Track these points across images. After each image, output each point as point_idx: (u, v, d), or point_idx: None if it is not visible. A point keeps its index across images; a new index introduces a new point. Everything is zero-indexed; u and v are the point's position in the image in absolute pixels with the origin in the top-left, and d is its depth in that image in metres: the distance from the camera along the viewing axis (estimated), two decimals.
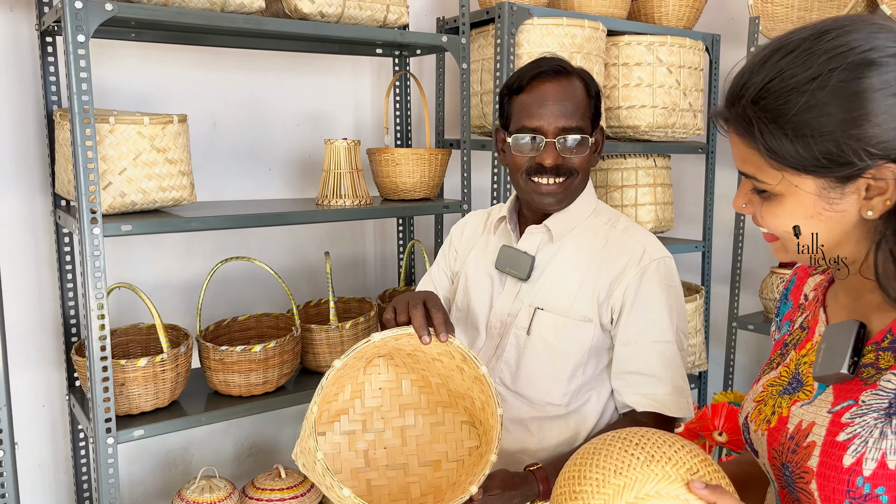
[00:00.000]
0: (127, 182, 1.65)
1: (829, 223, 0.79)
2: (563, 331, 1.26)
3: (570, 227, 1.31)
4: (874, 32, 0.74)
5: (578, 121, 1.26)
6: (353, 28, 1.90)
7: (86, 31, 1.51)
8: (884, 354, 0.80)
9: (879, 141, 0.73)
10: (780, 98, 0.75)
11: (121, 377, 1.67)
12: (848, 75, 0.73)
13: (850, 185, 0.76)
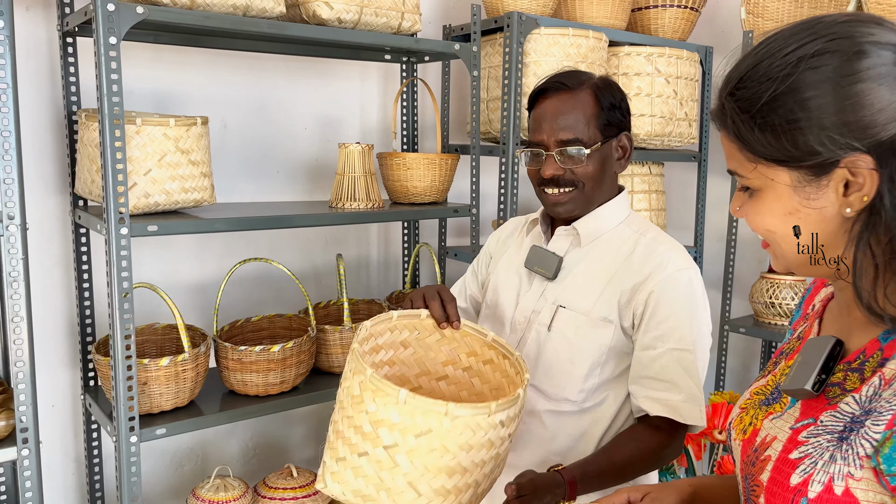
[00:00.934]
0: (151, 183, 1.67)
1: (808, 221, 0.76)
2: (583, 329, 1.31)
3: (599, 231, 1.36)
4: (862, 23, 0.73)
5: (579, 133, 1.31)
6: (370, 34, 1.93)
7: (117, 34, 1.53)
8: (851, 375, 0.77)
9: (849, 129, 0.71)
10: (750, 88, 0.75)
11: (143, 376, 1.68)
12: (818, 61, 0.71)
13: (825, 178, 0.73)
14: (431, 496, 1.03)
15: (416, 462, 1.02)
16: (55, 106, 1.88)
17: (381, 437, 1.03)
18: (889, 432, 0.69)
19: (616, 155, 1.36)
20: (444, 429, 1.01)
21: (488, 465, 1.08)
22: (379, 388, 1.03)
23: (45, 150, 1.88)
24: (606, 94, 1.35)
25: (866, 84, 0.70)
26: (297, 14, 1.93)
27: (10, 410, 1.59)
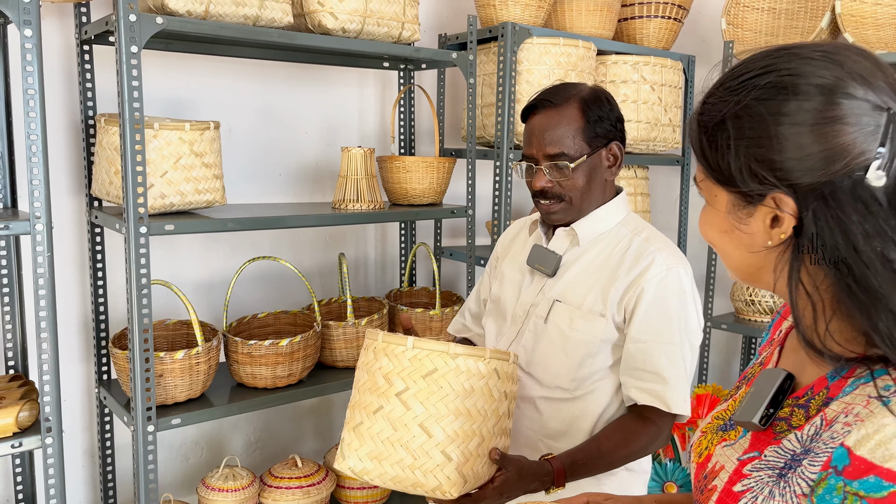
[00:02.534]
0: (167, 184, 1.75)
1: (741, 243, 0.78)
2: (576, 322, 1.39)
3: (596, 232, 1.44)
4: (812, 59, 0.71)
5: (565, 148, 1.38)
6: (372, 43, 2.03)
7: (138, 43, 1.61)
8: (798, 412, 0.76)
9: (774, 167, 0.71)
10: (709, 111, 0.77)
11: (159, 369, 1.76)
12: (762, 93, 0.72)
13: (753, 207, 0.75)
14: (441, 437, 1.16)
15: (426, 403, 1.16)
16: (72, 110, 1.96)
17: (395, 384, 1.18)
18: (824, 473, 0.67)
19: (606, 163, 1.42)
20: (448, 368, 1.17)
21: (490, 419, 1.20)
22: (390, 343, 1.20)
23: (61, 152, 1.96)
24: (594, 107, 1.41)
25: (795, 127, 0.70)
26: (304, 24, 2.02)
27: (33, 402, 1.66)
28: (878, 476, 0.63)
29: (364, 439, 1.19)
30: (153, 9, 1.75)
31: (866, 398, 0.68)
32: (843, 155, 0.68)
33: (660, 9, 2.71)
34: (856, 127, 0.68)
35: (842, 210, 0.68)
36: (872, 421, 0.66)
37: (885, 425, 0.65)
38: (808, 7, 2.80)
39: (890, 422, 0.64)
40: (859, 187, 0.68)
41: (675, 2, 2.73)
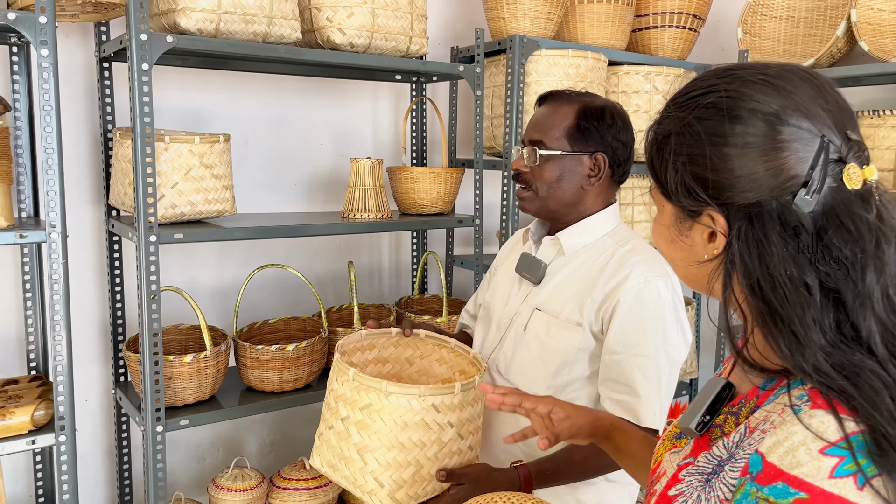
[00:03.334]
0: (178, 195, 1.83)
1: (686, 254, 0.80)
2: (553, 330, 1.41)
3: (582, 242, 1.45)
4: (753, 82, 0.73)
5: (544, 137, 1.42)
6: (379, 58, 2.09)
7: (149, 60, 1.69)
8: (730, 419, 0.78)
9: (706, 186, 0.74)
10: (661, 124, 0.79)
11: (169, 371, 1.84)
12: (702, 113, 0.74)
13: (693, 222, 0.77)
14: (375, 466, 1.22)
15: (362, 433, 1.23)
16: (92, 124, 2.06)
17: (339, 410, 1.25)
18: (742, 479, 0.69)
19: (587, 171, 1.43)
20: (382, 404, 1.22)
21: (429, 448, 1.24)
22: (339, 370, 1.27)
23: (82, 164, 2.06)
24: (592, 117, 1.43)
25: (727, 149, 0.72)
26: (313, 39, 2.08)
27: (49, 401, 1.75)
28: (785, 483, 0.65)
29: (323, 447, 1.29)
30: (167, 27, 1.83)
31: (782, 407, 0.70)
32: (773, 179, 0.71)
33: (674, 19, 2.72)
34: (787, 152, 0.70)
35: (763, 232, 0.71)
36: (783, 428, 0.68)
37: (794, 433, 0.67)
38: (826, 15, 2.77)
39: (798, 430, 0.66)
40: (786, 211, 0.70)
41: (691, 12, 2.73)
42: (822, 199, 0.70)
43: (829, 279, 0.70)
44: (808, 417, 0.67)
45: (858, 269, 0.69)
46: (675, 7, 2.71)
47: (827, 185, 0.70)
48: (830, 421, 0.66)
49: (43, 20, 1.57)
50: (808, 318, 0.69)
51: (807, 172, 0.70)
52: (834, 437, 0.65)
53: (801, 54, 2.78)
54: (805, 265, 0.70)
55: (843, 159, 0.71)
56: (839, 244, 0.70)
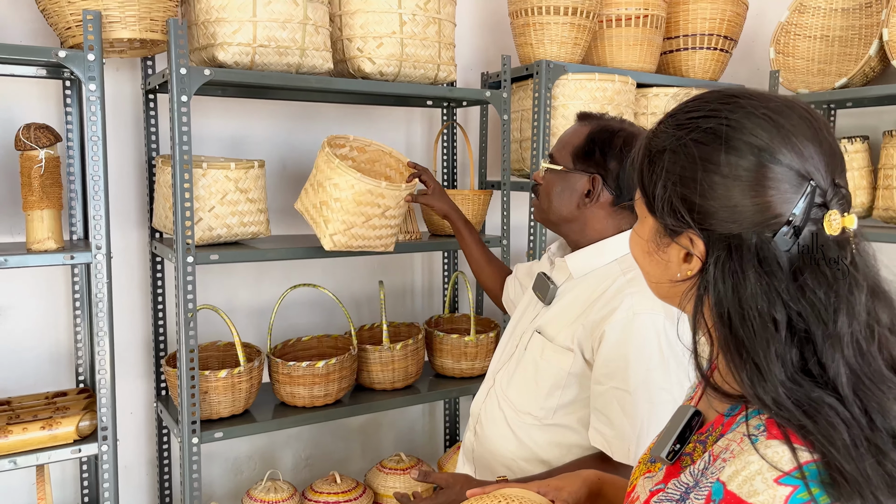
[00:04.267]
0: (214, 218, 1.93)
1: (659, 268, 0.82)
2: (547, 352, 1.43)
3: (589, 267, 1.47)
4: (755, 116, 0.74)
5: (555, 152, 1.50)
6: (407, 86, 2.17)
7: (188, 93, 1.81)
8: (699, 447, 0.80)
9: (692, 209, 0.75)
10: (657, 138, 0.80)
11: (204, 386, 1.93)
12: (701, 136, 0.75)
13: (671, 240, 0.79)
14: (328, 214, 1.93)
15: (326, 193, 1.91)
16: (138, 151, 2.19)
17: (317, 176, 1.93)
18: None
19: (583, 191, 1.45)
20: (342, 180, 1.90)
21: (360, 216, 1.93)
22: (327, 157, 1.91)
23: (129, 189, 2.19)
24: (601, 138, 1.44)
25: (720, 178, 0.74)
26: (345, 69, 2.18)
27: (93, 412, 1.86)
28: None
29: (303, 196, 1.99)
30: (206, 61, 1.95)
31: (741, 436, 0.73)
32: (757, 214, 0.73)
33: (704, 41, 2.74)
34: (774, 191, 0.72)
35: (741, 265, 0.73)
36: (741, 458, 0.70)
37: (751, 462, 0.69)
38: (861, 33, 2.75)
39: (755, 459, 0.69)
40: (765, 247, 0.72)
41: (722, 33, 2.75)
42: (801, 240, 0.72)
43: (800, 318, 0.71)
44: (764, 447, 0.69)
45: (831, 312, 0.71)
46: (706, 29, 2.73)
47: (807, 228, 0.72)
48: (785, 451, 0.68)
49: (91, 57, 1.70)
50: (772, 353, 0.71)
51: (790, 213, 0.72)
52: (787, 467, 0.67)
53: (835, 73, 2.76)
54: (776, 301, 0.71)
55: (826, 204, 0.73)
56: (813, 286, 0.72)
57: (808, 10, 2.79)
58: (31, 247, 1.76)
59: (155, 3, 1.82)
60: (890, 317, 0.74)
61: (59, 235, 1.79)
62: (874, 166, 2.56)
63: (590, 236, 1.49)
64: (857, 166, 2.54)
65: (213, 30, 1.89)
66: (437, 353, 2.40)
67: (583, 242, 1.50)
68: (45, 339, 2.12)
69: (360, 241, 1.98)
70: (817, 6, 2.79)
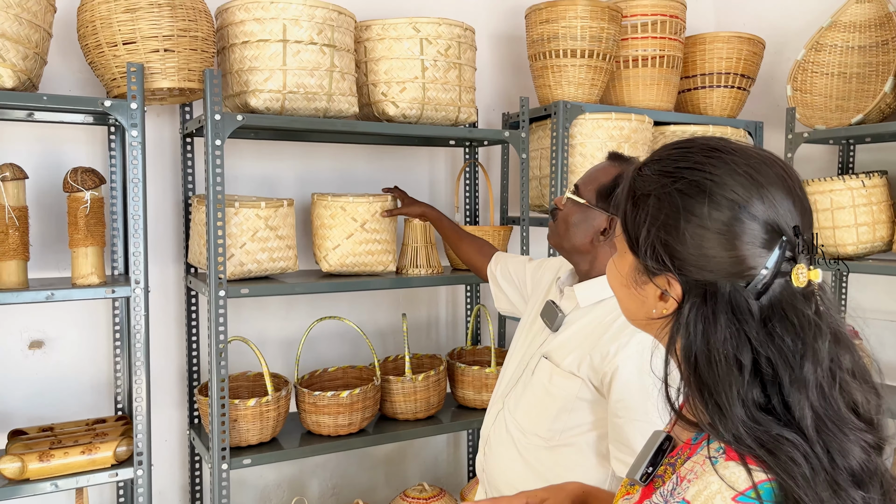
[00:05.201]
0: (245, 254, 2.04)
1: (635, 301, 0.88)
2: (555, 378, 1.49)
3: (596, 297, 1.54)
4: (736, 173, 0.79)
5: (582, 184, 1.57)
6: (429, 128, 2.27)
7: (222, 137, 1.93)
8: (669, 469, 0.85)
9: (673, 256, 0.80)
10: (643, 180, 0.85)
11: (234, 414, 2.02)
12: (685, 187, 0.80)
13: (649, 279, 0.84)
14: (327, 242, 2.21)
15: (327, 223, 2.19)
16: (176, 191, 2.32)
17: None
18: None
19: (600, 228, 1.53)
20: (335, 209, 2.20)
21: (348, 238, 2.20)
22: None
23: (167, 227, 2.32)
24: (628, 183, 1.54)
25: (700, 229, 0.79)
26: (370, 112, 2.30)
27: (130, 439, 1.96)
28: None
29: None
30: (239, 106, 2.08)
31: (703, 458, 0.79)
32: (733, 265, 0.78)
33: (722, 79, 2.81)
34: (749, 244, 0.78)
35: (713, 311, 0.79)
36: (703, 479, 0.77)
37: (711, 483, 0.76)
38: (878, 70, 2.79)
39: (714, 480, 0.75)
40: (738, 295, 0.78)
41: (739, 72, 2.82)
42: (770, 291, 0.78)
43: (768, 362, 0.77)
44: (723, 468, 0.75)
45: (797, 358, 0.77)
46: (723, 68, 2.80)
47: (777, 280, 0.78)
48: (741, 471, 0.75)
49: (133, 106, 1.84)
50: (734, 393, 0.76)
51: (763, 266, 0.78)
52: (743, 486, 0.74)
53: (853, 109, 2.79)
54: (744, 346, 0.77)
55: (795, 258, 0.78)
56: (782, 333, 0.77)
57: (825, 49, 2.85)
58: (76, 281, 1.88)
59: (193, 55, 1.96)
60: (851, 361, 0.80)
61: (101, 271, 1.91)
62: (893, 200, 2.58)
63: (598, 269, 1.56)
64: (877, 200, 2.56)
65: (246, 78, 2.03)
66: (458, 384, 2.47)
67: (591, 274, 1.57)
68: (86, 368, 2.24)
69: (352, 259, 2.21)
70: (833, 44, 2.84)
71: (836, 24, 2.82)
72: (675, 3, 2.66)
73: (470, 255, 2.13)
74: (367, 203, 2.21)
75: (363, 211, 2.21)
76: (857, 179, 2.51)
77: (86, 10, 1.92)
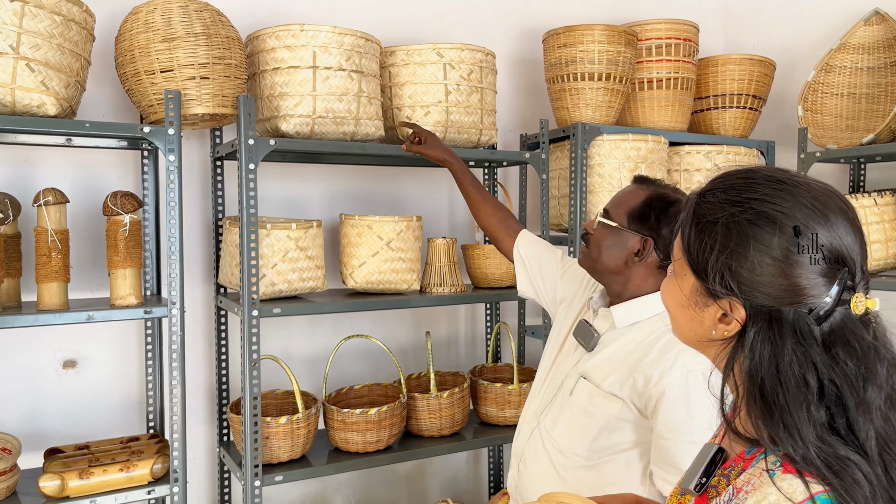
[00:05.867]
0: (277, 274, 2.09)
1: (692, 322, 0.93)
2: (595, 399, 1.54)
3: (633, 318, 1.58)
4: (803, 206, 0.84)
5: (611, 209, 1.61)
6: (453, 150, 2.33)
7: (255, 161, 1.99)
8: (723, 480, 0.89)
9: (741, 282, 0.85)
10: (708, 207, 0.89)
11: (266, 432, 2.07)
12: (754, 217, 0.85)
13: (712, 300, 0.88)
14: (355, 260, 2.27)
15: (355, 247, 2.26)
16: (205, 213, 2.38)
17: None
18: None
19: (633, 250, 1.57)
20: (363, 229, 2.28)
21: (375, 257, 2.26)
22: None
23: (196, 248, 2.37)
24: (657, 204, 1.57)
25: (768, 258, 0.83)
26: (395, 135, 2.36)
27: (165, 456, 2.00)
28: None
29: None
30: (269, 131, 2.14)
31: (760, 471, 0.84)
32: (797, 293, 0.83)
33: (734, 100, 2.87)
34: (813, 274, 0.83)
35: (780, 334, 0.83)
36: (761, 490, 0.81)
37: (769, 494, 0.80)
38: (887, 91, 2.85)
39: (772, 491, 0.80)
40: (801, 321, 0.83)
41: (751, 93, 2.88)
42: (832, 318, 0.83)
43: (833, 385, 0.81)
44: (780, 480, 0.80)
45: (861, 382, 0.82)
46: (735, 89, 2.86)
47: (838, 309, 0.83)
48: (798, 484, 0.79)
49: (171, 132, 1.90)
50: (804, 414, 0.81)
51: (826, 294, 0.83)
52: (801, 498, 0.78)
53: (863, 128, 2.85)
54: (810, 368, 0.82)
55: (854, 288, 0.84)
56: (845, 357, 0.82)
57: (834, 70, 2.91)
58: (115, 302, 1.93)
59: (227, 82, 2.02)
60: None
61: (139, 292, 1.96)
62: None
63: (631, 290, 1.60)
64: (889, 218, 2.61)
65: (277, 103, 2.09)
66: (481, 401, 2.51)
67: (624, 295, 1.61)
68: (117, 387, 2.28)
69: (378, 277, 2.26)
70: (843, 66, 2.90)
71: (845, 46, 2.89)
72: (688, 26, 2.73)
73: (493, 224, 2.03)
74: (392, 223, 2.27)
75: (389, 230, 2.26)
76: (869, 198, 2.56)
77: (124, 40, 1.98)
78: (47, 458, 1.99)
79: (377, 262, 2.25)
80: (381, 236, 2.26)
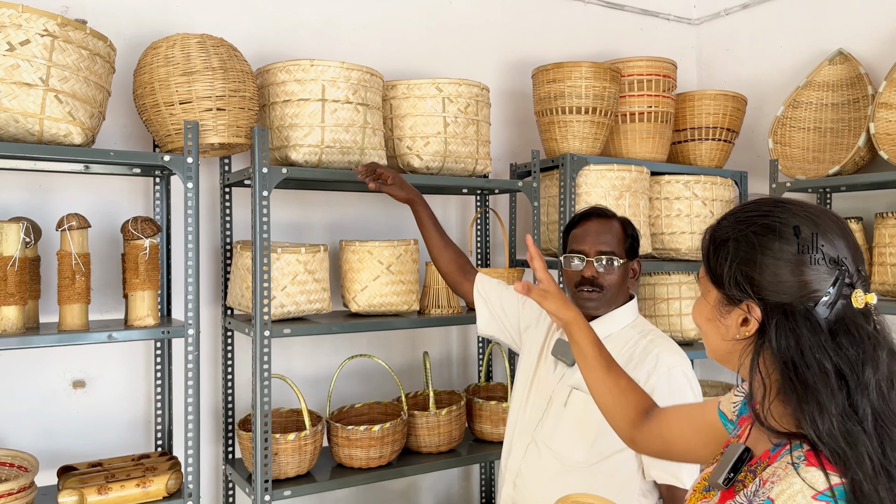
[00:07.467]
0: (286, 296, 2.19)
1: (718, 331, 1.06)
2: (589, 406, 1.65)
3: (610, 330, 1.76)
4: (799, 216, 0.99)
5: (614, 248, 1.78)
6: (450, 178, 2.46)
7: (268, 188, 2.09)
8: (749, 475, 0.99)
9: (752, 283, 0.99)
10: (721, 229, 1.06)
11: (274, 448, 2.15)
12: (759, 229, 1.00)
13: (732, 307, 1.02)
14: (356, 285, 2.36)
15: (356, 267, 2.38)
16: (214, 238, 2.47)
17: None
18: None
19: (630, 274, 1.80)
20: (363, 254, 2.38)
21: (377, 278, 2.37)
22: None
23: (205, 271, 2.45)
24: (630, 229, 1.83)
25: (774, 260, 0.98)
26: (396, 164, 2.48)
27: (178, 472, 2.06)
28: None
29: None
30: (279, 160, 2.25)
31: (785, 464, 0.96)
32: (803, 288, 0.97)
33: (710, 132, 3.05)
34: (814, 272, 0.97)
35: (795, 325, 0.96)
36: (786, 480, 0.94)
37: (793, 483, 0.93)
38: (850, 125, 3.06)
39: (797, 481, 0.93)
40: (810, 313, 0.96)
41: (725, 126, 3.07)
42: (835, 310, 0.96)
43: (840, 369, 0.94)
44: (804, 472, 0.93)
45: (860, 365, 0.94)
46: (710, 122, 3.05)
47: (839, 302, 0.97)
48: (820, 475, 0.92)
49: (189, 160, 2.00)
50: (829, 392, 0.93)
51: (827, 290, 0.96)
52: (822, 487, 0.91)
53: (829, 161, 3.05)
54: (825, 354, 0.95)
55: (853, 285, 0.98)
56: (847, 345, 0.95)
57: (801, 106, 3.11)
58: (133, 323, 2.01)
59: (241, 113, 2.13)
60: None
61: (156, 313, 2.04)
62: (869, 244, 2.82)
63: (617, 305, 1.80)
64: None
65: (287, 133, 2.20)
66: (476, 418, 2.62)
67: (601, 312, 1.79)
68: (126, 406, 2.34)
69: (379, 300, 2.36)
70: (809, 102, 3.11)
71: (811, 84, 3.10)
72: (666, 63, 2.91)
73: (452, 269, 2.12)
74: (391, 247, 2.38)
75: (388, 255, 2.37)
76: None
77: (144, 73, 2.08)
78: (61, 475, 2.05)
79: (378, 286, 2.35)
80: (381, 261, 2.37)
